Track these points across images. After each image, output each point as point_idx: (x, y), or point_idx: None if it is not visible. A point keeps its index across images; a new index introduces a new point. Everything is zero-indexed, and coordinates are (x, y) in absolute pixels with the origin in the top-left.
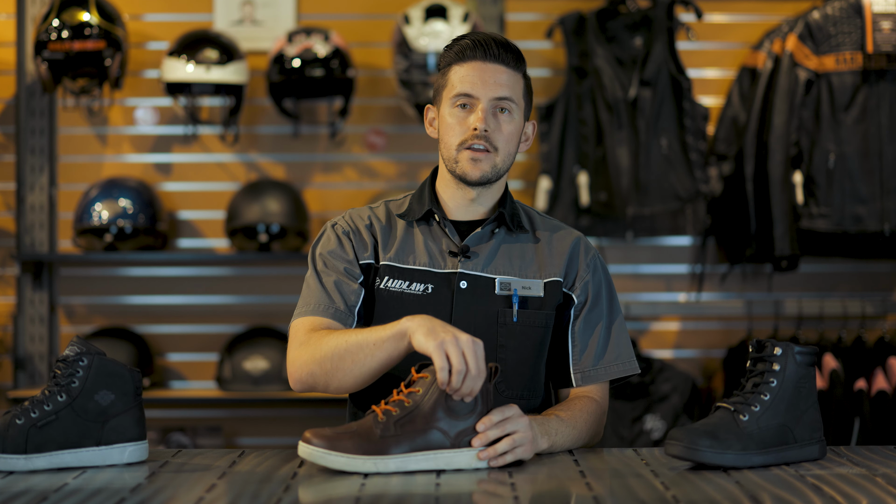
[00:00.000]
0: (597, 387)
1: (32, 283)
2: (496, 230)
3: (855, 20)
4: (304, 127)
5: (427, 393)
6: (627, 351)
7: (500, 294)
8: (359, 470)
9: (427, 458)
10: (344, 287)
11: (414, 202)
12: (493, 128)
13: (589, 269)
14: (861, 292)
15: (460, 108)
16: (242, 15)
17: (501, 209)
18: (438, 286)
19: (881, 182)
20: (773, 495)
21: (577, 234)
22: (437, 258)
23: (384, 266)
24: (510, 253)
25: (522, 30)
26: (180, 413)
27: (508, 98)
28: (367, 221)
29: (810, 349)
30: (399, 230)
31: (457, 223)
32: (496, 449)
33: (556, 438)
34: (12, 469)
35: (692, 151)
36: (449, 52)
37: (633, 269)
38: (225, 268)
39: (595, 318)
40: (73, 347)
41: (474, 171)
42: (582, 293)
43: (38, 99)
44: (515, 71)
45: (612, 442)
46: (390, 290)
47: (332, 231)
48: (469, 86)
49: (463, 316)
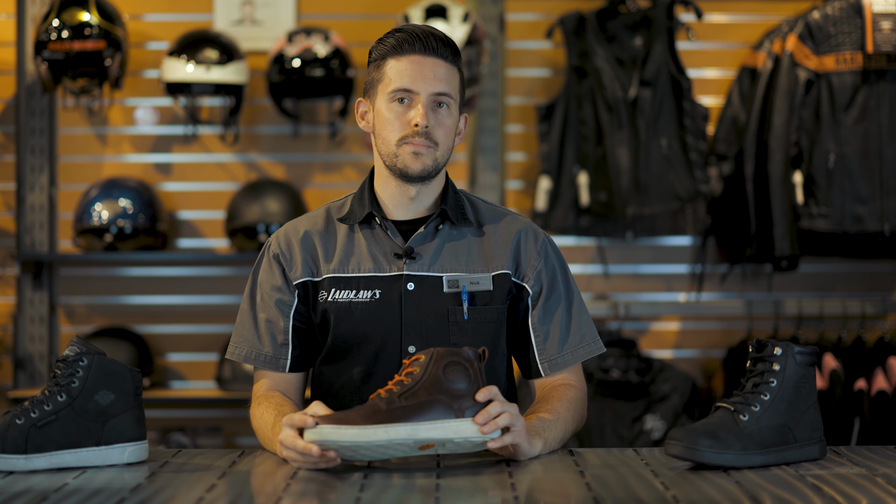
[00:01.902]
0: (569, 372)
1: (32, 283)
2: (440, 227)
3: (855, 20)
4: (304, 127)
5: (425, 370)
6: (591, 331)
7: (449, 292)
8: (370, 439)
9: (435, 427)
10: (274, 327)
11: (355, 204)
12: (433, 123)
13: (540, 256)
14: (861, 292)
15: (398, 102)
16: (242, 15)
17: (443, 204)
18: (385, 291)
19: (881, 182)
20: (773, 495)
21: (523, 223)
22: (381, 262)
23: (328, 279)
24: (455, 249)
25: (522, 30)
26: (180, 413)
27: (447, 93)
28: (302, 235)
29: (810, 349)
30: (341, 236)
31: (399, 223)
32: (489, 411)
33: (547, 435)
34: (12, 469)
35: (692, 151)
36: (384, 44)
37: (633, 269)
38: (225, 268)
39: (553, 304)
40: (73, 347)
41: (416, 165)
42: (536, 282)
43: (38, 99)
44: (453, 65)
45: (612, 442)
46: (338, 301)
47: (267, 255)
48: (408, 80)
49: (413, 318)
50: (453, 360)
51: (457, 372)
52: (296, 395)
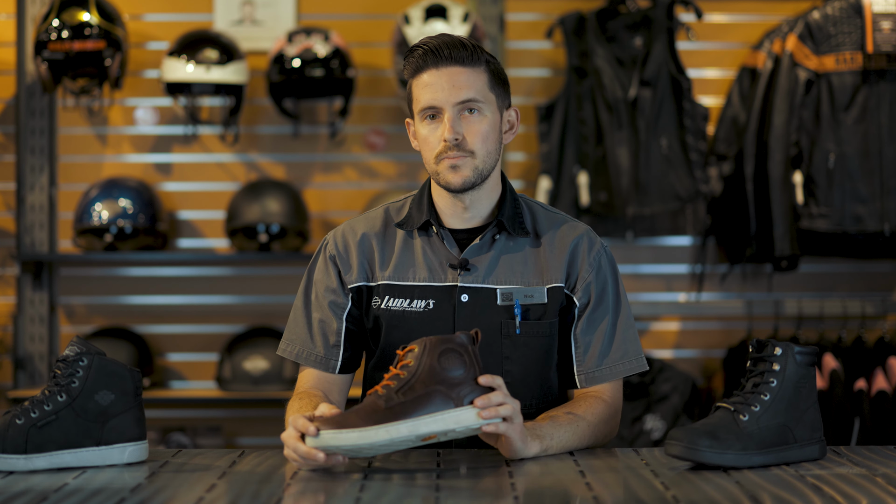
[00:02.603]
0: (605, 386)
1: (32, 283)
2: (496, 237)
3: (855, 20)
4: (304, 127)
5: (420, 361)
6: (634, 348)
7: (503, 305)
8: (372, 441)
9: (435, 419)
10: (326, 327)
11: (413, 209)
12: (463, 133)
13: (592, 268)
14: (861, 292)
15: (429, 119)
16: (242, 15)
17: (500, 214)
18: (440, 301)
19: (881, 182)
20: (773, 495)
21: (581, 230)
22: (437, 271)
23: (383, 285)
24: (511, 261)
25: (522, 30)
26: (180, 413)
27: (472, 98)
28: (360, 237)
29: (810, 349)
30: (398, 241)
31: (456, 231)
32: (490, 398)
33: (551, 442)
34: (12, 469)
35: (692, 151)
36: (406, 66)
37: (633, 269)
38: (225, 268)
39: (599, 317)
40: (73, 347)
41: (456, 179)
42: (584, 295)
43: (38, 99)
44: (474, 66)
45: (613, 442)
46: (392, 309)
47: (323, 254)
48: (430, 97)
49: (466, 330)
50: (447, 348)
51: (452, 359)
52: (339, 395)
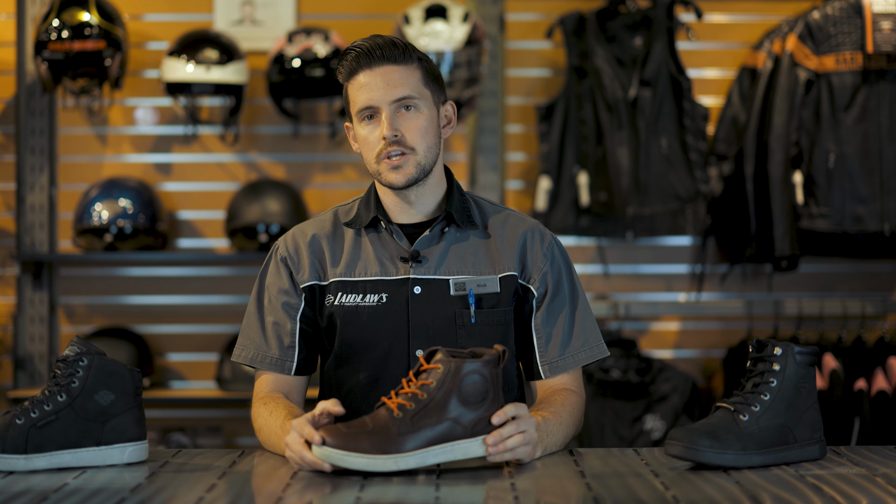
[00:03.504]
0: (570, 376)
1: (32, 283)
2: (445, 229)
3: (855, 20)
4: (304, 127)
5: (441, 386)
6: (594, 335)
7: (456, 294)
8: (380, 469)
9: (444, 451)
10: (280, 329)
11: (361, 208)
12: (402, 130)
13: (546, 258)
14: (861, 292)
15: (367, 119)
16: (242, 15)
17: (448, 207)
18: (392, 295)
19: (881, 182)
20: (773, 495)
21: (530, 224)
22: (388, 266)
23: (334, 283)
24: (462, 251)
25: (522, 30)
26: (180, 413)
27: (408, 95)
28: (310, 238)
29: (810, 349)
30: (347, 240)
31: (405, 227)
32: (501, 433)
33: (548, 441)
34: (12, 469)
35: (692, 151)
36: (341, 69)
37: (633, 269)
38: (225, 268)
39: (557, 306)
40: (73, 347)
41: (398, 177)
42: (541, 284)
43: (38, 99)
44: (407, 64)
45: (612, 442)
46: (345, 305)
47: (275, 258)
48: (367, 97)
49: (420, 321)
50: (472, 371)
51: (474, 388)
52: (298, 397)
